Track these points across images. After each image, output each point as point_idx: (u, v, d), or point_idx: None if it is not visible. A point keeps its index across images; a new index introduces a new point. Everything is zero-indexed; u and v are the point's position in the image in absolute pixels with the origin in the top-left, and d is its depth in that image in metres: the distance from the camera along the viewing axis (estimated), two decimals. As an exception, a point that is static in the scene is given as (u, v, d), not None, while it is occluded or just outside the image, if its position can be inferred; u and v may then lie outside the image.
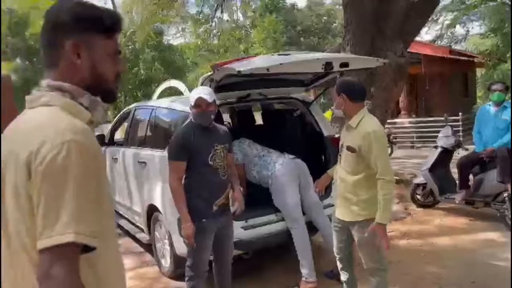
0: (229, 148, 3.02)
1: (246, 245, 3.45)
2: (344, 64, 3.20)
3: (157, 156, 4.03)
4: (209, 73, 3.35)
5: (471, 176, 5.33)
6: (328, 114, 6.86)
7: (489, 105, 5.35)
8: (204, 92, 2.86)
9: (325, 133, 4.15)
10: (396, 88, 7.02)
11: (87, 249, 0.96)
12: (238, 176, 3.20)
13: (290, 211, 3.54)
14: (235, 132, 3.79)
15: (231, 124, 5.45)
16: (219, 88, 3.49)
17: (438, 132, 6.06)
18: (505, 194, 4.79)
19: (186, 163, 2.83)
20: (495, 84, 5.31)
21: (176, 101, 4.23)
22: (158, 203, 3.96)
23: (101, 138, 5.85)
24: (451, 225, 5.10)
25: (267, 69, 2.85)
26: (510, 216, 4.76)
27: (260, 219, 3.57)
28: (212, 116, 2.89)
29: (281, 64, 2.92)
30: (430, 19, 9.46)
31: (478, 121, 5.33)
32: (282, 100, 4.26)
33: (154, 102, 5.13)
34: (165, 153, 3.87)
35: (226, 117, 5.51)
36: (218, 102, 3.67)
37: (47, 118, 1.01)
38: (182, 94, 16.24)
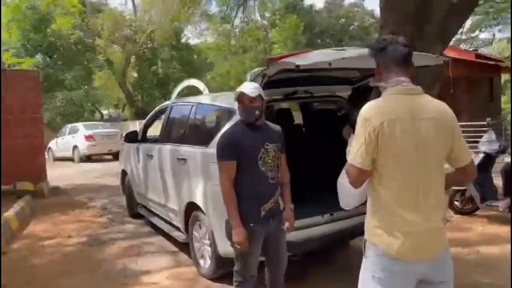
0: (282, 148, 2.84)
1: (295, 247, 3.31)
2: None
3: (199, 152, 3.93)
4: (261, 68, 3.24)
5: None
6: None
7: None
8: (248, 87, 2.71)
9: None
10: (433, 90, 6.85)
11: None
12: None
13: None
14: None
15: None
16: (268, 84, 3.37)
17: (470, 137, 5.86)
18: (555, 203, 4.58)
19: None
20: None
21: (219, 98, 4.13)
22: (199, 201, 3.85)
23: (133, 134, 5.80)
24: (495, 233, 4.90)
25: (329, 64, 2.72)
26: (561, 226, 4.55)
27: (309, 220, 3.43)
28: (257, 112, 2.70)
29: (343, 58, 2.78)
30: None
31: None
32: (328, 99, 4.12)
33: (194, 98, 5.03)
34: (207, 149, 3.80)
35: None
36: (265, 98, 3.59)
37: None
38: (201, 93, 16.24)
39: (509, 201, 5.03)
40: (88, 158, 15.44)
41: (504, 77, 18.89)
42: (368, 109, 1.78)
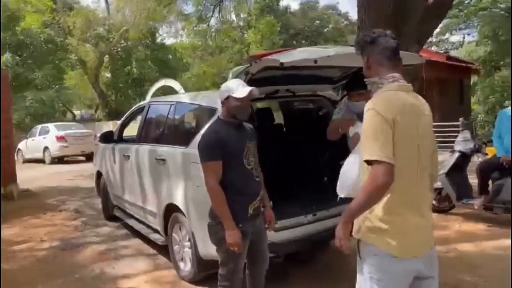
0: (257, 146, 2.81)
1: (278, 248, 3.26)
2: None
3: (179, 153, 3.84)
4: (244, 66, 3.17)
5: (490, 182, 5.25)
6: None
7: (509, 110, 5.28)
8: (240, 83, 2.66)
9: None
10: (414, 89, 6.94)
11: None
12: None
13: None
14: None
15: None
16: (251, 82, 3.31)
17: (442, 137, 5.98)
18: (530, 200, 4.70)
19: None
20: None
21: (199, 96, 4.04)
22: (179, 203, 3.75)
23: (109, 134, 5.63)
24: (472, 231, 5.00)
25: (315, 61, 2.68)
26: (533, 223, 4.67)
27: (293, 220, 3.39)
28: (250, 110, 2.70)
29: (329, 56, 2.75)
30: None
31: (499, 126, 5.24)
32: (309, 98, 4.09)
33: (173, 97, 4.92)
34: (187, 149, 3.71)
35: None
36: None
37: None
38: (177, 93, 16.02)
39: (483, 199, 5.15)
40: (60, 160, 14.98)
41: (473, 79, 19.46)
42: (378, 103, 1.69)
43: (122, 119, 5.68)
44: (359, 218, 1.78)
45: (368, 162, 1.64)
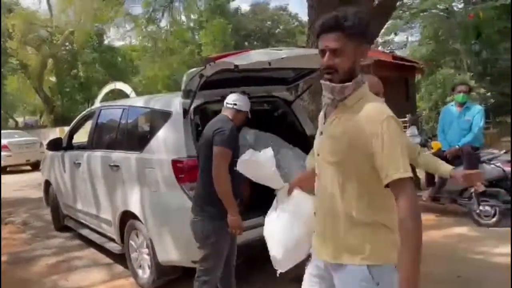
0: None
1: (238, 250, 3.26)
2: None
3: (134, 158, 3.73)
4: (199, 68, 3.14)
5: (436, 174, 5.53)
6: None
7: (452, 105, 5.60)
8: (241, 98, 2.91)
9: (308, 132, 4.09)
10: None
11: None
12: None
13: None
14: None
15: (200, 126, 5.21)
16: (205, 85, 3.29)
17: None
18: (472, 190, 5.01)
19: None
20: (460, 86, 5.57)
21: (153, 100, 3.95)
22: (135, 209, 3.66)
23: (57, 142, 5.39)
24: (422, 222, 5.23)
25: (269, 63, 2.71)
26: (477, 211, 4.98)
27: (254, 221, 3.39)
28: None
29: (283, 58, 2.79)
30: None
31: (443, 121, 5.54)
32: (264, 99, 4.12)
33: (125, 101, 4.78)
34: (142, 154, 3.62)
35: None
36: (200, 101, 3.51)
37: None
38: (128, 97, 15.60)
39: (431, 191, 5.42)
40: (3, 170, 14.10)
41: (418, 77, 20.46)
42: (388, 109, 1.53)
43: (71, 125, 5.44)
44: (377, 236, 1.54)
45: (399, 181, 1.39)
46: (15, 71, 25.64)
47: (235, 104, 2.84)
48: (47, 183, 5.89)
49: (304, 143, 4.07)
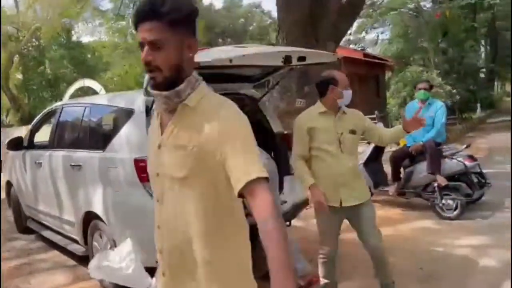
0: None
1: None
2: (301, 58, 3.15)
3: (96, 157, 3.64)
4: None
5: (402, 169, 5.66)
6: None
7: (416, 102, 5.72)
8: None
9: (275, 129, 4.09)
10: (327, 87, 7.25)
11: None
12: None
13: None
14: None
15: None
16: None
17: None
18: (435, 185, 5.14)
19: None
20: (421, 83, 5.70)
21: (116, 97, 3.87)
22: (98, 210, 3.57)
23: (17, 141, 5.21)
24: (388, 216, 5.34)
25: (230, 61, 2.69)
26: (440, 205, 5.12)
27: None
28: None
29: (244, 55, 2.77)
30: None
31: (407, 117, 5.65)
32: (230, 97, 4.08)
33: (88, 99, 4.66)
34: (104, 153, 3.54)
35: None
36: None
37: None
38: (98, 94, 15.24)
39: (397, 185, 5.54)
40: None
41: (388, 74, 20.86)
42: None
43: (33, 123, 5.27)
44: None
45: (257, 181, 1.23)
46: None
47: None
48: (9, 184, 5.69)
49: (271, 141, 4.08)
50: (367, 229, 2.89)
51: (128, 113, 3.45)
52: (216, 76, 3.61)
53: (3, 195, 6.09)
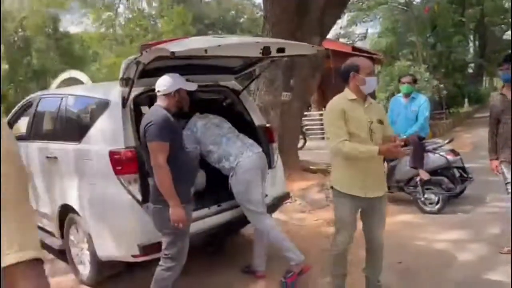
0: None
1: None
2: (280, 50, 3.10)
3: (71, 149, 3.57)
4: (135, 56, 3.01)
5: (385, 163, 5.65)
6: None
7: (400, 96, 5.71)
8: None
9: (256, 122, 4.04)
10: (313, 79, 7.22)
11: None
12: None
13: (255, 209, 3.36)
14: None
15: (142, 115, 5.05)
16: (144, 73, 3.16)
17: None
18: (417, 179, 5.14)
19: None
20: (404, 77, 5.69)
21: (92, 88, 3.79)
22: (74, 203, 3.51)
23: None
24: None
25: (205, 51, 2.63)
26: (422, 199, 5.13)
27: (195, 214, 3.32)
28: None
29: (219, 46, 2.71)
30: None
31: (391, 111, 5.64)
32: (211, 88, 4.02)
33: (64, 90, 4.56)
34: (80, 145, 3.47)
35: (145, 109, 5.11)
36: (141, 90, 3.37)
37: None
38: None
39: None
40: None
41: (377, 68, 20.86)
42: None
43: (10, 114, 5.15)
44: None
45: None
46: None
47: (159, 91, 2.81)
48: (-13, 176, 5.57)
49: (253, 133, 4.02)
50: (378, 223, 2.86)
51: (104, 105, 3.38)
52: (195, 66, 3.55)
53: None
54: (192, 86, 2.91)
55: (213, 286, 3.47)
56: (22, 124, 4.83)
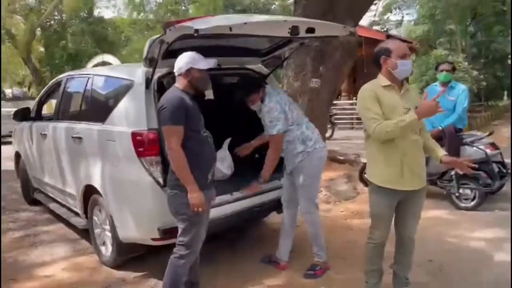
0: None
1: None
2: (310, 30, 2.92)
3: (95, 130, 3.54)
4: (159, 35, 2.91)
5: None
6: None
7: (436, 85, 5.40)
8: (202, 56, 2.70)
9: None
10: (344, 66, 6.96)
11: None
12: None
13: (315, 198, 3.34)
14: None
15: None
16: (169, 53, 3.06)
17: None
18: (452, 172, 4.88)
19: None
20: (443, 64, 5.36)
21: (117, 68, 3.74)
22: (97, 184, 3.49)
23: (25, 112, 5.17)
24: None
25: (230, 28, 2.50)
26: (456, 194, 4.87)
27: (218, 199, 3.22)
28: (209, 82, 2.86)
29: (245, 23, 2.56)
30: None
31: (427, 101, 5.35)
32: (236, 71, 3.88)
33: (90, 70, 4.55)
34: (104, 126, 3.43)
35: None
36: (166, 70, 3.27)
37: None
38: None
39: None
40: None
41: (413, 57, 20.12)
42: None
43: (40, 94, 5.21)
44: None
45: None
46: (3, 41, 24.92)
47: (174, 72, 2.69)
48: (18, 155, 5.70)
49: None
50: (413, 218, 2.70)
51: (127, 85, 3.32)
52: (221, 48, 3.42)
53: (13, 166, 6.11)
54: (208, 64, 2.68)
55: (239, 275, 3.39)
56: (51, 104, 4.88)
